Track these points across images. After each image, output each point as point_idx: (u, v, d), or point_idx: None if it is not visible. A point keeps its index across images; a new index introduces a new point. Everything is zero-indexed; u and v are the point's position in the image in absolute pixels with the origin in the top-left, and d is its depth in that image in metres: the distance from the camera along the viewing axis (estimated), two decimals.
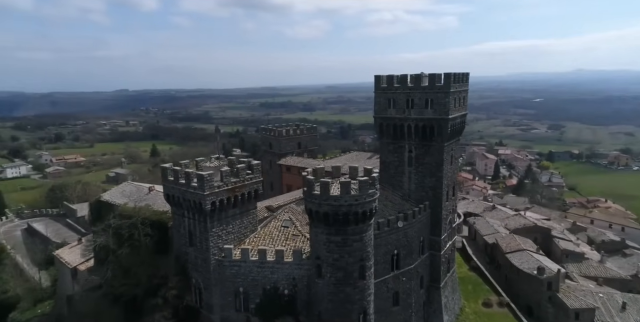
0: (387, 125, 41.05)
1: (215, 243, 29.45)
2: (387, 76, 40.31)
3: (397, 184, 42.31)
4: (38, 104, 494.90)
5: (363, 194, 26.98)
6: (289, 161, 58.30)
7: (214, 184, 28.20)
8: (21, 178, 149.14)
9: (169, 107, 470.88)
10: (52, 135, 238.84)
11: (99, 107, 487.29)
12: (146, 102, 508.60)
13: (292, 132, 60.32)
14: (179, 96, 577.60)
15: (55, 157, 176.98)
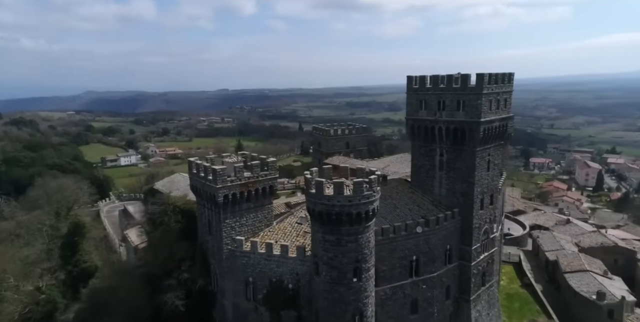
0: (418, 127, 40.04)
1: (229, 234, 32.20)
2: (419, 77, 39.32)
3: (428, 189, 41.02)
4: (155, 102, 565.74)
5: (357, 195, 27.24)
6: (334, 160, 59.35)
7: (227, 178, 30.90)
8: (131, 166, 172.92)
9: (261, 106, 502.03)
10: (160, 129, 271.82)
11: (202, 105, 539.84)
12: (242, 100, 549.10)
13: (340, 132, 61.36)
14: (271, 95, 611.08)
15: (159, 149, 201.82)
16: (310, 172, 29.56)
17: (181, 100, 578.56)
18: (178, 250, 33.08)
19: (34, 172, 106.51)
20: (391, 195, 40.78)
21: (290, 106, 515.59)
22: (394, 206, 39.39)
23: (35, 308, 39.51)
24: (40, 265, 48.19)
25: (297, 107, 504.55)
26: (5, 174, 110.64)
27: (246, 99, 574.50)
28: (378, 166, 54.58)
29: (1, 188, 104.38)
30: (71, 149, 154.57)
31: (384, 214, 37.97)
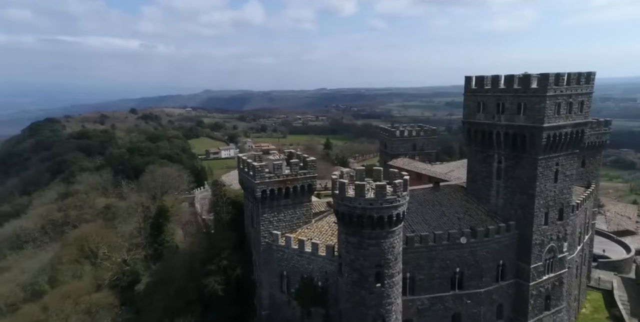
0: (475, 132, 37.39)
1: (266, 227, 34.15)
2: (477, 77, 36.63)
3: (484, 198, 38.12)
4: (260, 100, 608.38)
5: (379, 199, 26.81)
6: (398, 162, 58.04)
7: (265, 175, 32.83)
8: (230, 159, 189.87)
9: (356, 105, 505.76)
10: (259, 126, 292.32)
11: (301, 103, 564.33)
12: (339, 99, 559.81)
13: (407, 134, 59.60)
14: (367, 94, 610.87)
15: (255, 144, 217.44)
16: (340, 173, 29.89)
17: (283, 98, 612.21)
18: (223, 238, 36.15)
19: (149, 161, 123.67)
20: (441, 201, 38.89)
21: (386, 105, 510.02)
22: (442, 213, 37.51)
23: (121, 277, 46.70)
24: (131, 240, 56.60)
25: (392, 107, 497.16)
26: (128, 161, 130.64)
27: (342, 98, 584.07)
28: (442, 171, 52.11)
29: (125, 172, 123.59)
30: (182, 142, 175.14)
31: (428, 221, 36.50)
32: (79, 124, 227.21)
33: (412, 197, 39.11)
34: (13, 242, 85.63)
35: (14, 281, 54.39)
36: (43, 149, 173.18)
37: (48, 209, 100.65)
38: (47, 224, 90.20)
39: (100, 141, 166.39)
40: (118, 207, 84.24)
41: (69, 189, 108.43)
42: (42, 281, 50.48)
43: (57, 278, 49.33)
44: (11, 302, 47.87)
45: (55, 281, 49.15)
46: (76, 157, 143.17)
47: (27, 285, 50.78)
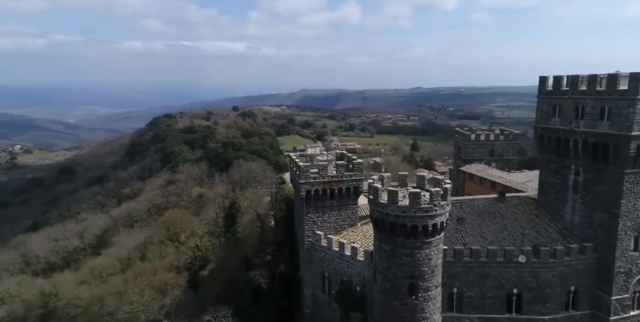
0: (548, 138, 33.12)
1: (310, 227, 34.55)
2: (554, 77, 32.26)
3: (557, 213, 33.63)
4: (352, 99, 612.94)
5: (412, 207, 25.31)
6: (471, 168, 53.79)
7: (310, 175, 33.22)
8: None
9: (453, 105, 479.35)
10: (348, 125, 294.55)
11: (394, 103, 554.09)
12: (434, 99, 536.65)
13: (483, 138, 54.83)
14: (467, 94, 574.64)
15: (341, 143, 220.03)
16: (379, 177, 28.93)
17: (375, 97, 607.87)
18: (272, 234, 37.56)
19: (240, 155, 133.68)
20: (504, 214, 35.28)
21: (487, 106, 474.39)
22: (503, 227, 34.01)
23: (194, 261, 51.48)
24: (208, 228, 61.78)
25: (493, 107, 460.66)
26: (222, 155, 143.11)
27: (439, 97, 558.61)
28: (519, 180, 47.29)
29: (218, 165, 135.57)
30: (271, 138, 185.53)
31: (485, 234, 33.45)
32: (189, 120, 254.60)
33: (471, 207, 36.40)
34: (126, 221, 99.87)
35: (115, 254, 63.94)
36: (158, 141, 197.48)
37: (154, 194, 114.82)
38: (152, 207, 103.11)
39: (203, 136, 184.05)
40: (208, 197, 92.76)
41: (172, 178, 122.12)
42: (134, 257, 58.49)
43: (146, 256, 56.70)
44: (110, 272, 56.51)
45: (144, 258, 56.54)
46: (182, 149, 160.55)
47: (124, 259, 59.33)
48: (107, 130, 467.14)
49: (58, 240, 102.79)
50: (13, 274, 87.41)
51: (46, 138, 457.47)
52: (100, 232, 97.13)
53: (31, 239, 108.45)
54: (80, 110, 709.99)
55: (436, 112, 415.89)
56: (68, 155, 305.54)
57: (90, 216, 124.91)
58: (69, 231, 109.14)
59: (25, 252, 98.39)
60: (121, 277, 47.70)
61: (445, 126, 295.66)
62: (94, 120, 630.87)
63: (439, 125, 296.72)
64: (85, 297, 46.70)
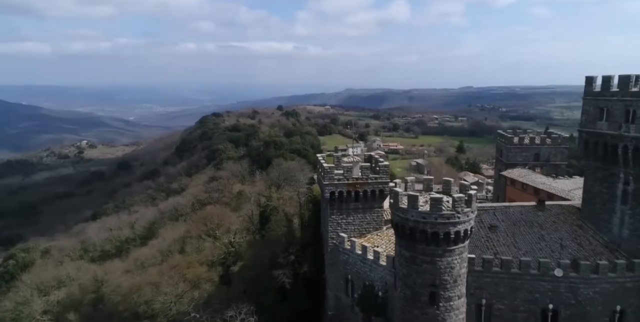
0: (594, 144, 30.53)
1: (334, 229, 34.21)
2: (602, 77, 29.60)
3: (603, 225, 30.94)
4: (398, 98, 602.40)
5: (433, 212, 24.25)
6: (513, 173, 50.75)
7: (334, 176, 32.90)
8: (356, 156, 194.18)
9: (507, 105, 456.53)
10: (392, 125, 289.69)
11: (442, 102, 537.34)
12: (486, 99, 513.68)
13: (527, 141, 51.50)
14: (522, 93, 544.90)
15: (383, 143, 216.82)
16: (402, 180, 28.03)
17: (422, 97, 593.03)
18: (298, 234, 37.66)
19: (280, 154, 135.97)
20: (543, 223, 33.00)
21: (545, 106, 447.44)
22: (540, 237, 31.83)
23: (227, 257, 52.93)
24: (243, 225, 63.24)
25: (552, 108, 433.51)
26: (263, 153, 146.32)
27: (491, 97, 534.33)
28: (565, 187, 44.20)
29: (259, 163, 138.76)
30: (312, 138, 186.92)
31: (519, 244, 31.48)
32: (235, 118, 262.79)
33: (505, 214, 34.47)
34: (172, 214, 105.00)
35: (157, 246, 67.51)
36: (205, 138, 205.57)
37: (198, 190, 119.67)
38: (196, 202, 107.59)
39: (247, 134, 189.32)
40: (247, 194, 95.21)
41: (216, 174, 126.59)
42: (174, 250, 61.36)
43: (184, 249, 59.28)
44: (150, 263, 59.74)
45: (183, 251, 59.16)
46: (226, 147, 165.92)
47: (164, 251, 62.46)
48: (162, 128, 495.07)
49: (112, 230, 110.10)
50: (73, 259, 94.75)
51: (109, 134, 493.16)
52: (149, 224, 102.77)
53: (90, 227, 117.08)
54: (139, 108, 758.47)
55: (487, 112, 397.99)
56: (127, 151, 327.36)
57: (141, 208, 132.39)
58: (123, 221, 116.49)
59: (84, 240, 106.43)
60: (158, 269, 50.21)
61: (495, 127, 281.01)
62: (151, 118, 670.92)
63: (489, 126, 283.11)
64: (126, 286, 49.64)
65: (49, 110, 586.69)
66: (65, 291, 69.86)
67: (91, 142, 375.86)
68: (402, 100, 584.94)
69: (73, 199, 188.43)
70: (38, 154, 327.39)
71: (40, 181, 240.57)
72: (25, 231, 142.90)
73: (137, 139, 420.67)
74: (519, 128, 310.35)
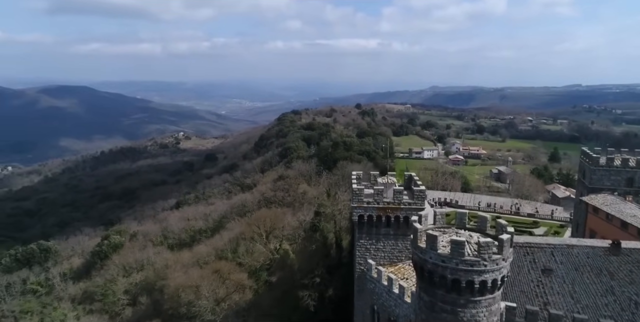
0: None
1: (363, 254, 31.84)
2: None
3: None
4: (489, 97, 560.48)
5: (454, 258, 20.87)
6: (597, 199, 42.86)
7: (363, 199, 30.53)
8: (431, 160, 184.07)
9: (623, 107, 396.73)
10: (476, 126, 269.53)
11: (540, 102, 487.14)
12: (597, 98, 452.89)
13: (618, 163, 43.05)
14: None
15: (463, 146, 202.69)
16: (427, 214, 24.79)
17: (517, 96, 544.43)
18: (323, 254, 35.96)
19: (348, 156, 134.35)
20: (615, 271, 27.31)
21: None
22: (607, 289, 26.28)
23: (272, 263, 53.16)
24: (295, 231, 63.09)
25: None
26: (331, 153, 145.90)
27: (603, 96, 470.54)
28: None
29: (327, 164, 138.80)
30: (385, 139, 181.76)
31: (578, 295, 26.37)
32: (312, 116, 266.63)
33: (567, 255, 29.33)
34: (240, 210, 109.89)
35: (214, 244, 70.82)
36: (281, 136, 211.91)
37: (266, 187, 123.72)
38: (262, 199, 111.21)
39: (319, 133, 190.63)
40: (310, 195, 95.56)
41: (284, 173, 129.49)
42: (227, 249, 63.72)
43: (237, 250, 61.26)
44: (205, 261, 62.85)
45: (235, 252, 61.16)
46: (298, 146, 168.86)
47: (219, 250, 65.25)
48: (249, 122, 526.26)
49: (189, 220, 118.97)
50: (155, 244, 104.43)
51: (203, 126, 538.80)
52: (219, 218, 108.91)
53: (172, 216, 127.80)
54: (230, 103, 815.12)
55: (595, 115, 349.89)
56: (215, 143, 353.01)
57: (217, 201, 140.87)
58: (199, 212, 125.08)
59: (165, 227, 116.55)
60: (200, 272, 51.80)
61: (604, 132, 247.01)
62: (240, 112, 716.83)
63: (595, 131, 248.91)
64: (173, 285, 52.51)
65: (156, 104, 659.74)
66: (144, 274, 76.99)
67: (187, 134, 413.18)
68: (492, 99, 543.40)
69: (164, 187, 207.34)
70: (144, 143, 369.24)
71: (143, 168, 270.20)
72: (124, 214, 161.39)
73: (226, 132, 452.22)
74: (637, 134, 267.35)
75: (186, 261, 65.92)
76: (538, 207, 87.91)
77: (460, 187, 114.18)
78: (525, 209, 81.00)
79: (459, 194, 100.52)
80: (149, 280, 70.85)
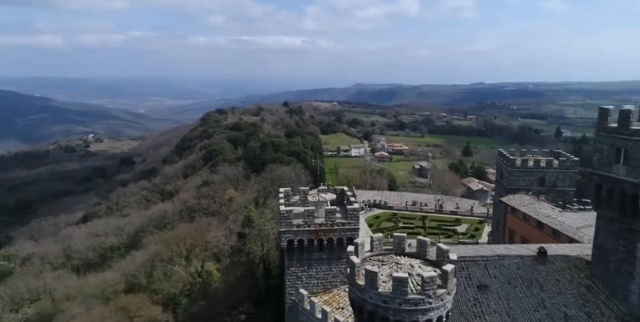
0: (609, 191, 24.68)
1: (294, 283, 28.91)
2: (620, 110, 23.61)
3: (619, 291, 25.20)
4: (408, 94, 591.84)
5: (396, 296, 18.71)
6: (515, 200, 44.77)
7: (292, 222, 27.54)
8: (359, 157, 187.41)
9: (518, 103, 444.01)
10: (398, 123, 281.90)
11: (452, 99, 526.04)
12: (497, 95, 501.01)
13: (530, 164, 45.39)
14: (535, 90, 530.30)
15: (388, 143, 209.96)
16: (355, 245, 22.38)
17: (432, 93, 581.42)
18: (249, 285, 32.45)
19: (276, 157, 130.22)
20: (544, 282, 27.31)
21: (557, 104, 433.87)
22: (539, 303, 26.13)
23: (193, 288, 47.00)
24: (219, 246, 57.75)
25: (565, 106, 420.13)
26: (259, 156, 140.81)
27: (502, 94, 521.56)
28: (573, 223, 38.30)
29: (255, 167, 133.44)
30: (313, 138, 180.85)
31: (514, 312, 25.90)
32: (238, 116, 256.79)
33: (499, 268, 28.89)
34: (159, 222, 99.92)
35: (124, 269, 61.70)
36: (206, 137, 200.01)
37: (188, 195, 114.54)
38: (185, 209, 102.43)
39: (247, 134, 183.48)
40: (238, 202, 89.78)
41: (209, 178, 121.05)
42: (141, 274, 55.87)
43: (152, 274, 54.21)
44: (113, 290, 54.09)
45: (150, 276, 54.03)
46: (223, 148, 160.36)
47: (130, 276, 57.14)
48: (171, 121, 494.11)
49: (100, 235, 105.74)
50: (55, 267, 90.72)
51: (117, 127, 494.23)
52: (135, 232, 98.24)
53: (77, 232, 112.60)
54: (150, 101, 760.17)
55: (497, 110, 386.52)
56: (132, 145, 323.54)
57: (133, 212, 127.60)
58: (111, 226, 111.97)
59: (69, 246, 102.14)
60: (101, 312, 44.06)
61: (505, 127, 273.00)
62: (161, 111, 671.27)
63: (498, 125, 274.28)
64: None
65: (60, 102, 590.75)
66: (39, 306, 65.67)
67: (98, 136, 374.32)
68: (411, 96, 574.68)
69: (70, 197, 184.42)
70: (45, 146, 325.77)
71: (43, 176, 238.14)
72: (17, 232, 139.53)
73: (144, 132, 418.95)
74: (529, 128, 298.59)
75: (91, 290, 56.78)
76: (458, 202, 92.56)
77: (387, 185, 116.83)
78: (448, 206, 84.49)
79: (386, 193, 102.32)
80: (46, 313, 60.43)
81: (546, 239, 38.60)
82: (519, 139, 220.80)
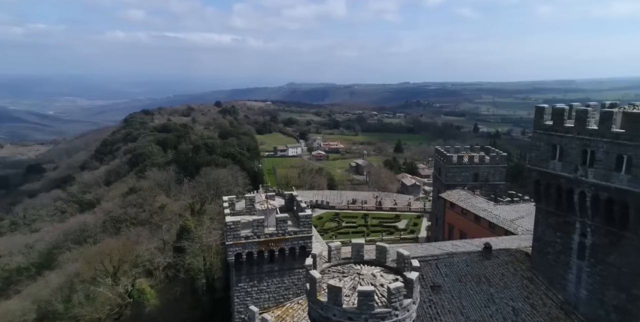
0: (547, 186, 25.85)
1: (243, 300, 26.77)
2: (554, 109, 24.83)
3: (557, 281, 26.46)
4: (340, 93, 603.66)
5: (362, 311, 17.63)
6: (453, 195, 46.64)
7: (240, 234, 25.38)
8: (296, 157, 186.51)
9: (440, 101, 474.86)
10: (333, 122, 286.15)
11: (382, 98, 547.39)
12: (422, 94, 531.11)
13: (466, 160, 47.64)
14: (453, 90, 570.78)
15: (324, 142, 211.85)
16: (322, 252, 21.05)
17: (363, 92, 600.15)
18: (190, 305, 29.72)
19: (211, 159, 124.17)
20: (491, 277, 28.01)
21: (473, 102, 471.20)
22: (489, 298, 26.71)
23: (123, 310, 41.94)
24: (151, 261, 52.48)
25: (480, 104, 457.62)
26: (192, 158, 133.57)
27: (426, 93, 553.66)
28: (508, 216, 40.23)
29: (188, 170, 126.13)
30: (249, 139, 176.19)
31: (467, 310, 26.14)
32: (166, 117, 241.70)
33: (450, 266, 29.12)
34: (78, 236, 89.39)
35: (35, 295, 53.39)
36: (130, 140, 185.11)
37: (113, 204, 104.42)
38: (109, 219, 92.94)
39: (177, 135, 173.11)
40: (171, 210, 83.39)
41: (136, 184, 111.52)
42: (57, 300, 48.35)
43: (71, 298, 47.49)
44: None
45: (69, 301, 47.29)
46: (151, 151, 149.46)
47: (43, 302, 49.22)
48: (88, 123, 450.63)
49: (2, 256, 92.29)
50: None
51: (22, 130, 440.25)
52: (48, 249, 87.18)
53: None
54: (60, 101, 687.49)
55: (422, 108, 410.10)
56: (41, 150, 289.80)
57: (46, 226, 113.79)
58: (18, 244, 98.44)
59: None
60: None
61: (431, 124, 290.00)
62: (74, 112, 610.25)
63: (425, 123, 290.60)
64: None
65: None
66: None
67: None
68: (343, 95, 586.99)
69: None
70: None
71: None
72: None
73: (56, 136, 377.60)
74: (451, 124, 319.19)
75: None
76: (395, 198, 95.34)
77: (326, 184, 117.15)
78: (386, 203, 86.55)
79: (326, 192, 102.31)
80: None
81: (483, 232, 40.51)
82: (443, 135, 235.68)
